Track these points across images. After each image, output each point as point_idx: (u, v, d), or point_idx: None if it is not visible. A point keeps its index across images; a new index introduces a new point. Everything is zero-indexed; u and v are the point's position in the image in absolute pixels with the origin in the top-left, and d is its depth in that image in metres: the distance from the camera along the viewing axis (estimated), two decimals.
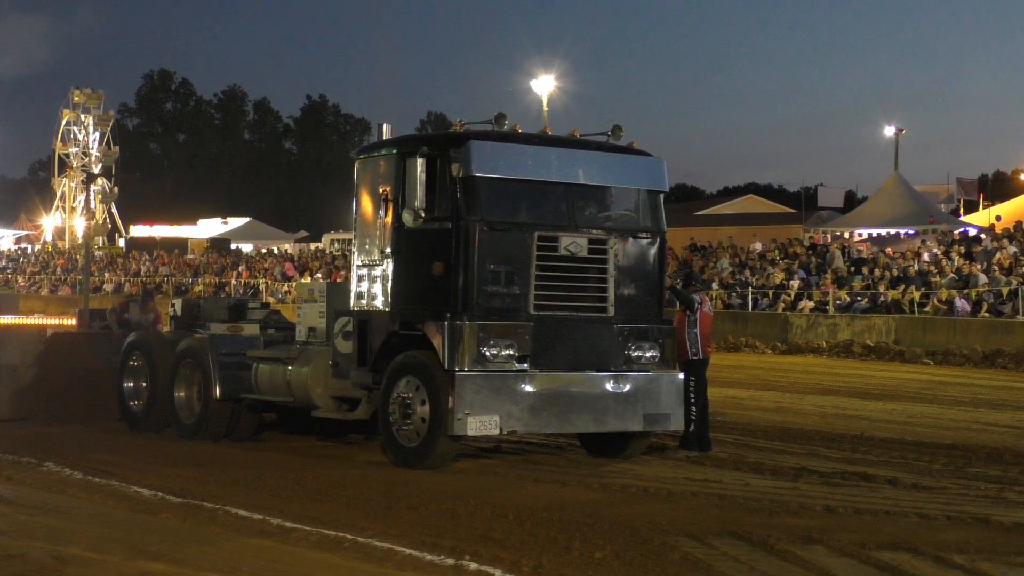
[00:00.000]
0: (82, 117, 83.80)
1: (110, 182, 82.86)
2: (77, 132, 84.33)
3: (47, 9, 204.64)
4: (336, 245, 66.31)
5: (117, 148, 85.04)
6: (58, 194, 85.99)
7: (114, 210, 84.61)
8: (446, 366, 13.04)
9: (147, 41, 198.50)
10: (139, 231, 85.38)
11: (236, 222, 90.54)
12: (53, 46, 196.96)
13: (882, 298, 34.62)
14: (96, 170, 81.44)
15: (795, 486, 12.56)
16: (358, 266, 14.33)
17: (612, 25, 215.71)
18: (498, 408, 13.10)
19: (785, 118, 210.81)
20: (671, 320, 14.61)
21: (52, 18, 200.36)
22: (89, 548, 9.41)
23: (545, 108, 54.28)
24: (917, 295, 33.69)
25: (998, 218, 42.60)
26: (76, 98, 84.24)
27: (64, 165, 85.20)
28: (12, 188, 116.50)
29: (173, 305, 18.20)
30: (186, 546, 9.55)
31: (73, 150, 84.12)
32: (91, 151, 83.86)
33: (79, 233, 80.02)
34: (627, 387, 13.85)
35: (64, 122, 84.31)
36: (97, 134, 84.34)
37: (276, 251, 68.76)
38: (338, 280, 36.03)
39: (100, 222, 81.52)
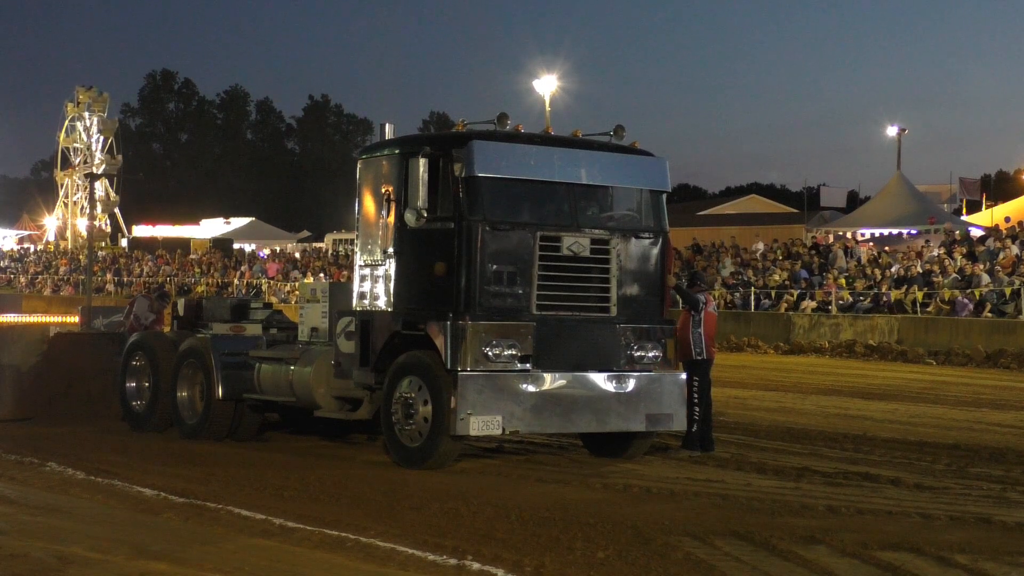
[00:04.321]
0: (86, 116, 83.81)
1: (112, 188, 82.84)
2: (81, 130, 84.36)
3: (50, 8, 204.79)
4: (339, 245, 66.36)
5: (120, 157, 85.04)
6: (60, 188, 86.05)
7: (116, 210, 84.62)
8: (448, 366, 13.04)
9: (149, 41, 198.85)
10: (141, 231, 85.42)
11: (239, 222, 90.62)
12: (55, 45, 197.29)
13: (884, 298, 34.62)
14: (99, 172, 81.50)
15: (797, 486, 12.56)
16: (360, 266, 14.33)
17: (614, 25, 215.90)
18: (500, 408, 13.10)
19: (787, 118, 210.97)
20: (673, 320, 14.61)
21: (55, 17, 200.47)
22: (91, 548, 9.41)
23: (547, 108, 54.25)
24: (920, 295, 33.69)
25: (1007, 219, 42.60)
26: (81, 96, 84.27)
27: (67, 160, 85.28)
28: (15, 188, 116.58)
29: (176, 305, 18.21)
30: (188, 546, 9.55)
31: (76, 145, 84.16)
32: (94, 151, 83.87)
33: (81, 231, 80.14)
34: (629, 387, 13.85)
35: (69, 117, 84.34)
36: (101, 139, 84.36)
37: (278, 251, 68.90)
38: (340, 280, 36.04)
39: (101, 227, 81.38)
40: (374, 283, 14.14)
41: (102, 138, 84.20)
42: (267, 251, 71.47)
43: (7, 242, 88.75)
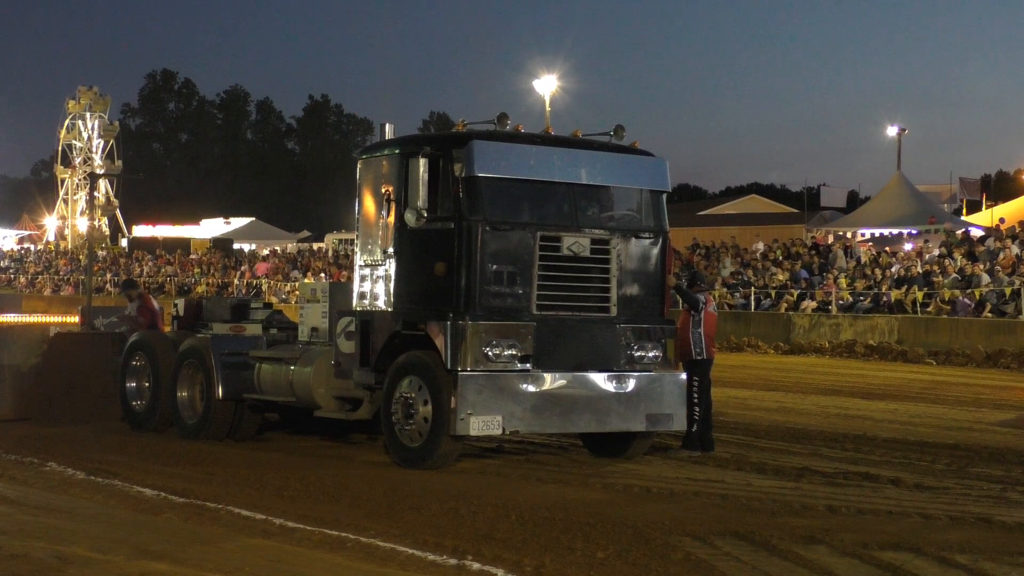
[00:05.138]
0: (87, 116, 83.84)
1: (112, 191, 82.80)
2: (81, 127, 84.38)
3: (50, 8, 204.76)
4: (339, 245, 66.39)
5: (120, 163, 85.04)
6: (60, 186, 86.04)
7: (116, 211, 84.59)
8: (448, 366, 13.03)
9: (150, 41, 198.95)
10: (141, 231, 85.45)
11: (239, 222, 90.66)
12: (56, 46, 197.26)
13: (884, 298, 34.62)
14: (99, 172, 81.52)
15: (797, 486, 12.56)
16: (360, 266, 14.33)
17: (615, 25, 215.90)
18: (500, 408, 13.10)
19: (788, 118, 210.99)
20: (673, 320, 14.60)
21: (55, 17, 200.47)
22: (91, 548, 9.41)
23: (547, 108, 54.28)
24: (920, 295, 33.69)
25: (1001, 220, 42.64)
26: (83, 97, 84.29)
27: (67, 157, 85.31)
28: (15, 188, 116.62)
29: (176, 305, 18.20)
30: (188, 546, 9.55)
31: (76, 143, 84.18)
32: (94, 155, 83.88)
33: (81, 231, 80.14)
34: (629, 387, 13.84)
35: (70, 115, 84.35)
36: (101, 142, 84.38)
37: (278, 251, 68.93)
38: (340, 280, 36.04)
39: (101, 229, 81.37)
40: (374, 283, 14.13)
41: (102, 142, 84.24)
42: (267, 251, 71.50)
43: (7, 242, 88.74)
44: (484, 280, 13.18)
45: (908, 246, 41.93)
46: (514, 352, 13.21)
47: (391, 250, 13.87)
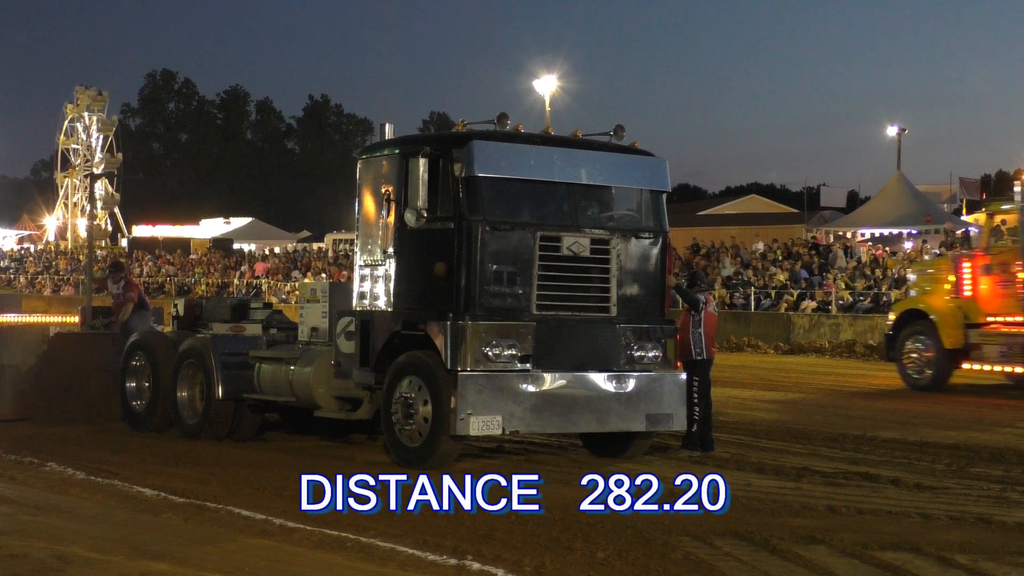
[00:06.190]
0: (86, 116, 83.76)
1: (113, 187, 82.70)
2: (80, 130, 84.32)
3: (50, 8, 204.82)
4: (339, 245, 66.38)
5: (120, 155, 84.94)
6: (60, 190, 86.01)
7: (116, 210, 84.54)
8: (448, 366, 13.03)
9: (150, 41, 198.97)
10: (141, 231, 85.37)
11: (238, 222, 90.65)
12: (56, 46, 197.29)
13: (884, 298, 34.61)
14: (99, 172, 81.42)
15: (797, 486, 12.56)
16: (360, 266, 14.33)
17: (615, 25, 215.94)
18: (500, 408, 13.09)
19: (788, 118, 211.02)
20: (673, 320, 14.60)
21: (55, 17, 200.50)
22: (91, 548, 9.42)
23: (547, 108, 54.31)
24: None
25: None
26: (81, 97, 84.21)
27: (67, 161, 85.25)
28: (15, 188, 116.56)
29: (175, 305, 18.21)
30: (188, 546, 9.56)
31: (75, 146, 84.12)
32: (94, 151, 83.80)
33: (81, 231, 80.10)
34: (629, 387, 13.84)
35: (68, 118, 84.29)
36: (100, 138, 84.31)
37: (277, 251, 68.93)
38: (340, 280, 36.04)
39: (102, 226, 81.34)
40: (374, 283, 14.14)
41: (102, 137, 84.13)
42: (267, 251, 71.53)
43: (7, 242, 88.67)
44: (484, 280, 13.18)
45: (908, 245, 41.92)
46: (514, 352, 13.20)
47: (391, 250, 13.87)
